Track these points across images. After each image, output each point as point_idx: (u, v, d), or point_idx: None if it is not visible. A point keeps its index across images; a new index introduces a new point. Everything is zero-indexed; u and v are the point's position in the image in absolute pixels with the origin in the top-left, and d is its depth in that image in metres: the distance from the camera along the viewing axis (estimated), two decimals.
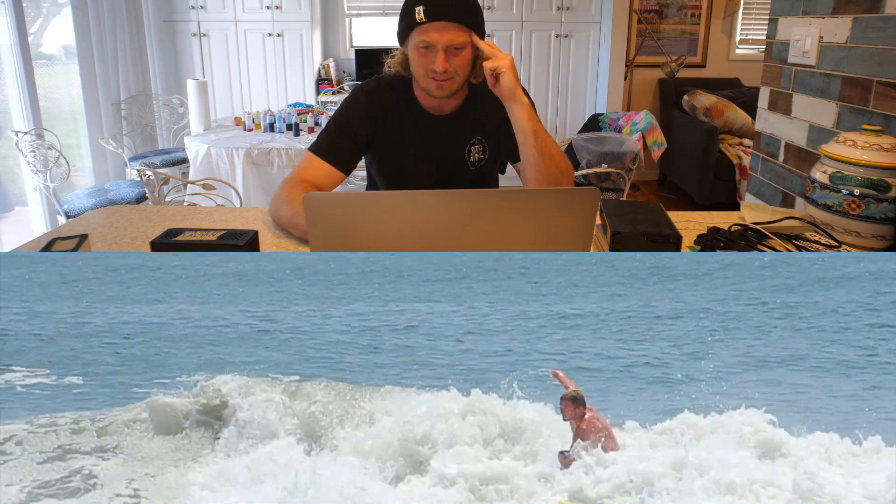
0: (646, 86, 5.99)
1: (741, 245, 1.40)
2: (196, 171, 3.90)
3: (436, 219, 1.05)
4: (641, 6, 5.81)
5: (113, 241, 1.47)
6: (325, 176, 1.63)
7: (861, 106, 1.79)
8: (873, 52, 1.74)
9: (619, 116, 4.52)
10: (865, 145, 1.47)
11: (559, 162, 1.57)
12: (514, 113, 1.54)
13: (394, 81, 1.68)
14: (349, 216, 1.04)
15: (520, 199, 1.06)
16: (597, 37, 5.50)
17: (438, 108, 1.67)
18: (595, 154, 3.56)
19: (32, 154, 3.51)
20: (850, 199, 1.47)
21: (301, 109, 4.59)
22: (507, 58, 1.51)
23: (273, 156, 3.87)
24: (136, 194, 3.85)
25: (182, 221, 1.59)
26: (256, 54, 5.28)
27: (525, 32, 5.43)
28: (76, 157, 4.58)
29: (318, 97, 5.32)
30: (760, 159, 2.32)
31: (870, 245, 1.48)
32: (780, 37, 2.18)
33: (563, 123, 5.67)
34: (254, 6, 5.17)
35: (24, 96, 3.86)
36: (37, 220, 4.08)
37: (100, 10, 4.51)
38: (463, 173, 1.74)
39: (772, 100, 2.24)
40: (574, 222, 1.07)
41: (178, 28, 5.23)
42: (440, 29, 1.49)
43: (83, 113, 4.53)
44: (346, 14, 5.66)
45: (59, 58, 4.67)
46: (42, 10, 4.61)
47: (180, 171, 4.40)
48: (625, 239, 1.24)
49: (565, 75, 5.58)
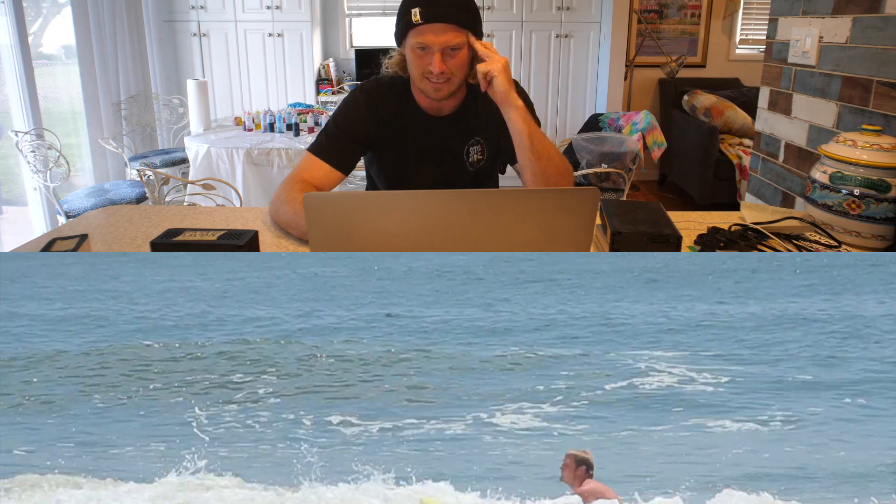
0: (646, 86, 5.99)
1: (741, 245, 1.40)
2: (196, 171, 3.90)
3: (436, 219, 1.05)
4: (641, 6, 5.81)
5: (113, 241, 1.47)
6: (325, 176, 1.63)
7: (861, 106, 1.79)
8: (873, 52, 1.74)
9: (619, 116, 4.52)
10: (865, 145, 1.47)
11: (557, 163, 1.57)
12: (509, 116, 1.54)
13: (393, 82, 1.68)
14: (349, 216, 1.04)
15: (520, 199, 1.06)
16: (597, 37, 5.50)
17: (437, 108, 1.67)
18: (595, 154, 3.56)
19: (32, 154, 3.51)
20: (850, 199, 1.47)
21: (301, 109, 4.59)
22: (501, 61, 1.51)
23: (273, 156, 3.87)
24: (136, 194, 3.85)
25: (182, 221, 1.59)
26: (256, 54, 5.28)
27: (525, 32, 5.43)
28: (76, 157, 4.58)
29: (318, 97, 5.32)
30: (760, 159, 2.32)
31: (870, 245, 1.48)
32: (780, 37, 2.18)
33: (563, 123, 5.68)
34: (254, 6, 5.17)
35: (24, 96, 3.86)
36: (37, 220, 4.08)
37: (100, 10, 4.51)
38: (462, 174, 1.74)
39: (772, 100, 2.24)
40: (574, 222, 1.07)
41: (178, 28, 5.23)
42: (436, 30, 1.49)
43: (83, 113, 4.53)
44: (346, 14, 5.66)
45: (59, 58, 4.67)
46: (42, 10, 4.61)
47: (180, 171, 4.40)
48: (625, 239, 1.24)
49: (565, 75, 5.58)
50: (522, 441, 1.19)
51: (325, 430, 1.22)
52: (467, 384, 1.41)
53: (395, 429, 1.22)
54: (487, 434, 1.21)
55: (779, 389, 1.36)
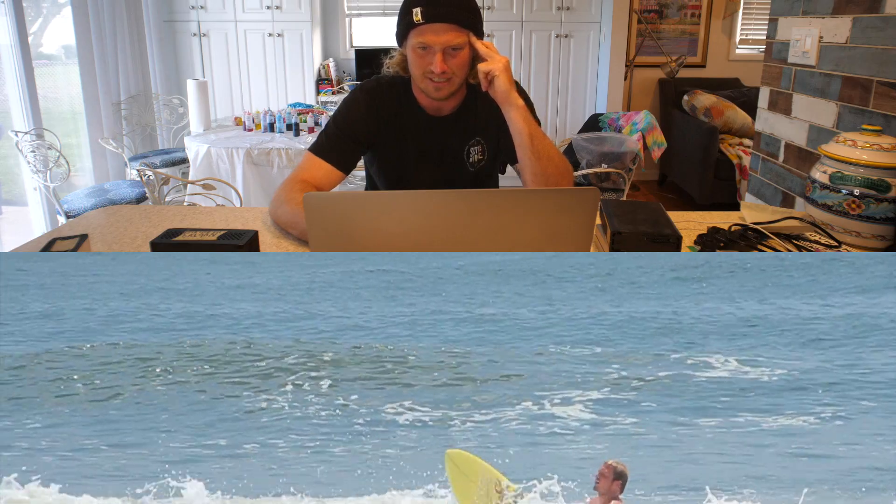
0: (646, 86, 5.99)
1: (741, 245, 1.40)
2: (196, 171, 3.90)
3: (436, 219, 1.05)
4: (641, 6, 5.81)
5: (113, 241, 1.47)
6: (325, 176, 1.63)
7: (861, 106, 1.79)
8: (873, 52, 1.74)
9: (619, 116, 4.52)
10: (865, 145, 1.47)
11: (557, 163, 1.57)
12: (510, 116, 1.54)
13: (393, 82, 1.68)
14: (349, 216, 1.04)
15: (520, 199, 1.06)
16: (597, 37, 5.50)
17: (437, 108, 1.67)
18: (595, 154, 3.56)
19: (32, 154, 3.51)
20: (850, 199, 1.47)
21: (301, 109, 4.59)
22: (502, 60, 1.51)
23: (273, 156, 3.87)
24: (136, 194, 3.85)
25: (182, 221, 1.59)
26: (256, 54, 5.28)
27: (525, 32, 5.43)
28: (76, 157, 4.58)
29: (318, 97, 5.32)
30: (760, 159, 2.32)
31: (870, 245, 1.48)
32: (780, 37, 2.18)
33: (563, 123, 5.67)
34: (254, 6, 5.17)
35: (24, 96, 3.86)
36: (37, 220, 4.08)
37: (100, 10, 4.51)
38: (462, 174, 1.74)
39: (772, 100, 2.24)
40: (574, 222, 1.07)
41: (178, 28, 5.23)
42: (437, 30, 1.49)
43: (83, 113, 4.53)
44: (346, 14, 5.66)
45: (59, 58, 4.67)
46: (42, 10, 4.61)
47: (180, 171, 4.40)
48: (625, 239, 1.24)
49: (565, 75, 5.58)
50: (573, 432, 1.21)
51: (379, 420, 1.26)
52: (525, 376, 1.45)
53: (446, 418, 1.26)
54: (541, 425, 1.24)
55: (831, 383, 1.38)
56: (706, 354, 1.53)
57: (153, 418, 1.27)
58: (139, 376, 1.44)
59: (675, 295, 2.07)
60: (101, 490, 1.00)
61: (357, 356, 1.54)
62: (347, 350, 1.57)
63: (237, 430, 1.23)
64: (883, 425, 1.21)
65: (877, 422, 1.22)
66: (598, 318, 1.85)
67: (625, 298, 2.06)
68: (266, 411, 1.29)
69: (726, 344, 1.63)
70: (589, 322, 1.83)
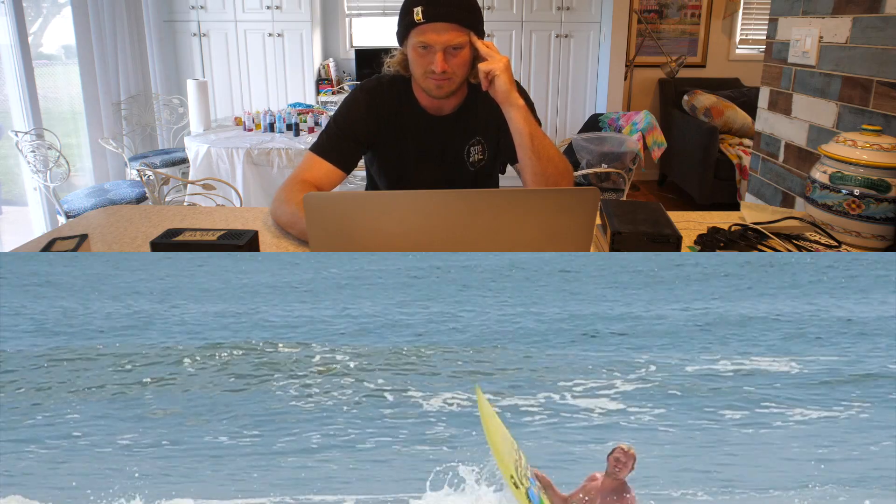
0: (646, 86, 5.99)
1: (741, 245, 1.40)
2: (196, 171, 3.90)
3: (436, 219, 1.05)
4: (641, 6, 5.81)
5: (113, 241, 1.47)
6: (326, 175, 1.63)
7: (861, 106, 1.79)
8: (873, 52, 1.74)
9: (619, 116, 4.52)
10: (865, 145, 1.47)
11: (557, 163, 1.57)
12: (510, 116, 1.54)
13: (394, 81, 1.68)
14: (349, 216, 1.04)
15: (520, 199, 1.06)
16: (597, 37, 5.50)
17: (438, 108, 1.67)
18: (595, 154, 3.56)
19: (32, 154, 3.51)
20: (850, 199, 1.47)
21: (301, 109, 4.59)
22: (503, 60, 1.51)
23: (273, 156, 3.87)
24: (136, 194, 3.85)
25: (182, 221, 1.59)
26: (256, 54, 5.28)
27: (525, 32, 5.43)
28: (76, 157, 4.58)
29: (318, 97, 5.32)
30: (760, 159, 2.32)
31: (870, 245, 1.48)
32: (780, 37, 2.18)
33: (563, 123, 5.67)
34: (254, 6, 5.17)
35: (24, 96, 3.85)
36: (37, 220, 4.08)
37: (100, 10, 4.51)
38: (463, 174, 1.74)
39: (772, 100, 2.24)
40: (574, 222, 1.07)
41: (178, 28, 5.23)
42: (438, 30, 1.49)
43: (83, 113, 4.53)
44: (346, 14, 5.66)
45: (59, 58, 4.67)
46: (42, 10, 4.61)
47: (180, 171, 4.40)
48: (625, 239, 1.24)
49: (565, 75, 5.58)
50: (600, 422, 1.24)
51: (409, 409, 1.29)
52: (549, 369, 1.48)
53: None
54: (565, 413, 1.27)
55: (860, 380, 1.40)
56: (734, 353, 1.55)
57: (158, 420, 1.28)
58: (143, 376, 1.44)
59: (702, 293, 2.09)
60: (102, 487, 1.00)
61: (361, 355, 1.54)
62: (350, 350, 1.57)
63: (236, 430, 1.23)
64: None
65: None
66: (621, 317, 1.87)
67: (648, 296, 2.08)
68: (277, 411, 1.30)
69: (751, 342, 1.66)
70: (611, 319, 1.85)
